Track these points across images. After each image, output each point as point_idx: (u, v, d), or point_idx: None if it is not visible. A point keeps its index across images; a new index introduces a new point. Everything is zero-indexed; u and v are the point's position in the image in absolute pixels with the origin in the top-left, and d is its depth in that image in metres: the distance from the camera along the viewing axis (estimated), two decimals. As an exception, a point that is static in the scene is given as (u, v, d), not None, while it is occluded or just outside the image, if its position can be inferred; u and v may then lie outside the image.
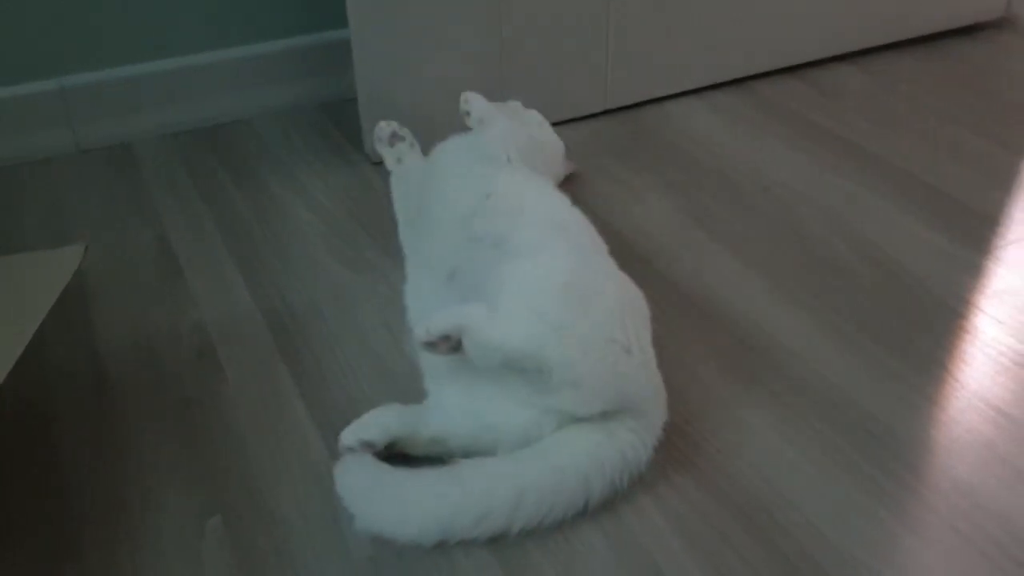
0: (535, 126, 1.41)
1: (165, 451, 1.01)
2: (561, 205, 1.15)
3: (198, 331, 1.18)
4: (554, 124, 1.45)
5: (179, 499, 0.95)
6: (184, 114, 1.64)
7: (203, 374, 1.11)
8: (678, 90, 1.71)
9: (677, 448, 0.98)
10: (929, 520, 0.90)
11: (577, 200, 1.23)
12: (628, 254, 0.99)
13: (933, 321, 1.16)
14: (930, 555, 0.87)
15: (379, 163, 1.51)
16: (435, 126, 1.43)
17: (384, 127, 1.37)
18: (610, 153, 1.54)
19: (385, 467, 0.93)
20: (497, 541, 0.89)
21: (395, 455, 0.95)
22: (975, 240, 1.30)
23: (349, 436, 0.94)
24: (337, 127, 1.64)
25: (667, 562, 0.87)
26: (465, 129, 1.32)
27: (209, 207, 1.44)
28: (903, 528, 0.90)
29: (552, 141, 1.41)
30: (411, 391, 1.07)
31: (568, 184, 1.40)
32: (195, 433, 1.03)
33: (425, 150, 1.41)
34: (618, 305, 0.96)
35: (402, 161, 1.36)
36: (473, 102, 1.30)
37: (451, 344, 0.93)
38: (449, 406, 0.97)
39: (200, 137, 1.63)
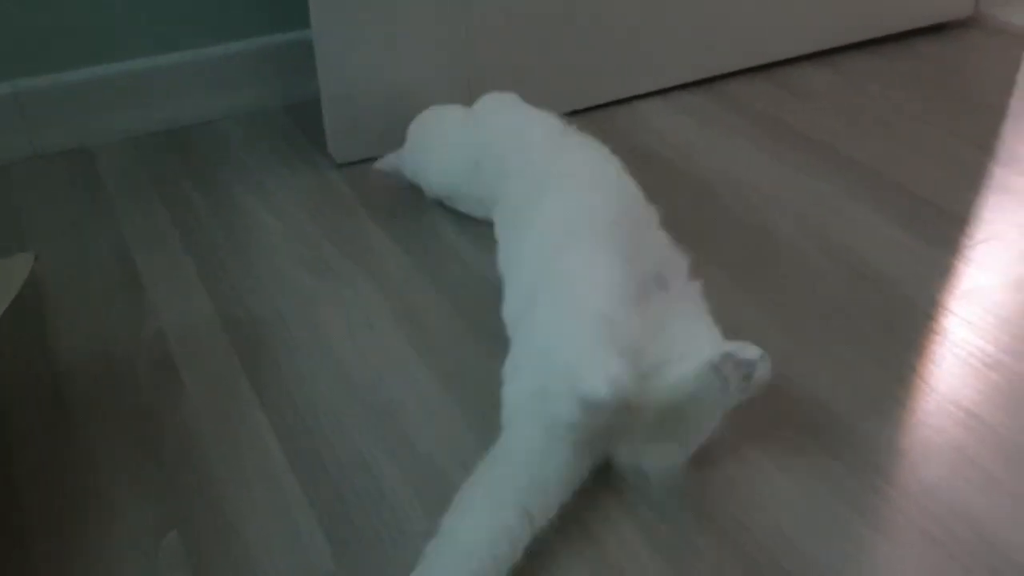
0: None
1: (122, 464, 0.98)
2: None
3: (157, 340, 1.15)
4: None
5: (136, 513, 0.93)
6: (145, 117, 1.61)
7: (162, 384, 1.09)
8: (647, 90, 1.70)
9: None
10: (899, 523, 0.89)
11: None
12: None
13: (902, 323, 1.15)
14: (899, 559, 0.86)
15: (343, 165, 1.50)
16: (404, 123, 1.42)
17: None
18: (579, 154, 1.52)
19: None
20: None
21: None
22: (944, 240, 1.29)
23: None
24: (302, 129, 1.62)
25: (631, 566, 0.85)
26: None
27: (170, 212, 1.41)
28: (872, 532, 0.89)
29: None
30: (373, 400, 1.05)
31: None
32: (153, 445, 1.01)
33: (394, 145, 1.40)
34: None
35: None
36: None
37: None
38: None
39: (161, 141, 1.60)
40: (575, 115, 1.63)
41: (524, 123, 1.29)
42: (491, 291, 1.22)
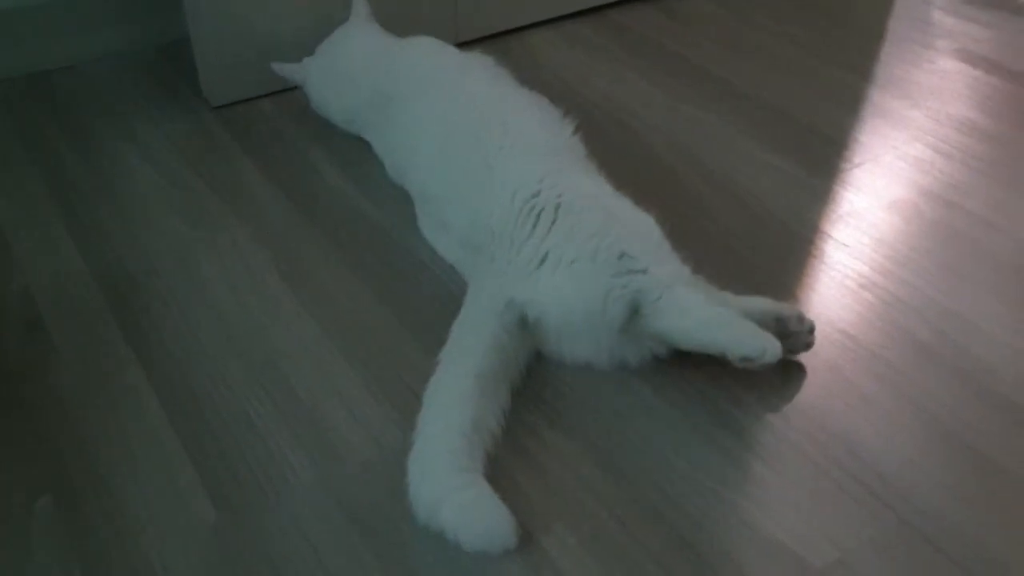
0: None
1: (-10, 430, 0.95)
2: None
3: (24, 298, 1.10)
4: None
5: (6, 478, 0.89)
6: (5, 61, 1.51)
7: (31, 344, 1.04)
8: (533, 20, 1.67)
9: (527, 386, 0.97)
10: (776, 446, 0.92)
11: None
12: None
13: (780, 247, 1.17)
14: (777, 480, 0.89)
15: (220, 107, 1.44)
16: (280, 56, 1.38)
17: None
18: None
19: None
20: (359, 517, 0.86)
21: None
22: (822, 165, 1.31)
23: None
24: (174, 71, 1.54)
25: (522, 504, 0.86)
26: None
27: (35, 163, 1.33)
28: (751, 455, 0.91)
29: None
30: (255, 351, 1.03)
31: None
32: (24, 408, 0.97)
33: (271, 84, 1.35)
34: None
35: None
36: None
37: None
38: None
39: (22, 87, 1.51)
40: (464, 46, 1.60)
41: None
42: (376, 234, 1.20)
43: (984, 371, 0.99)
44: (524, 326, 0.98)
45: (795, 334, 0.98)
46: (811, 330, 0.98)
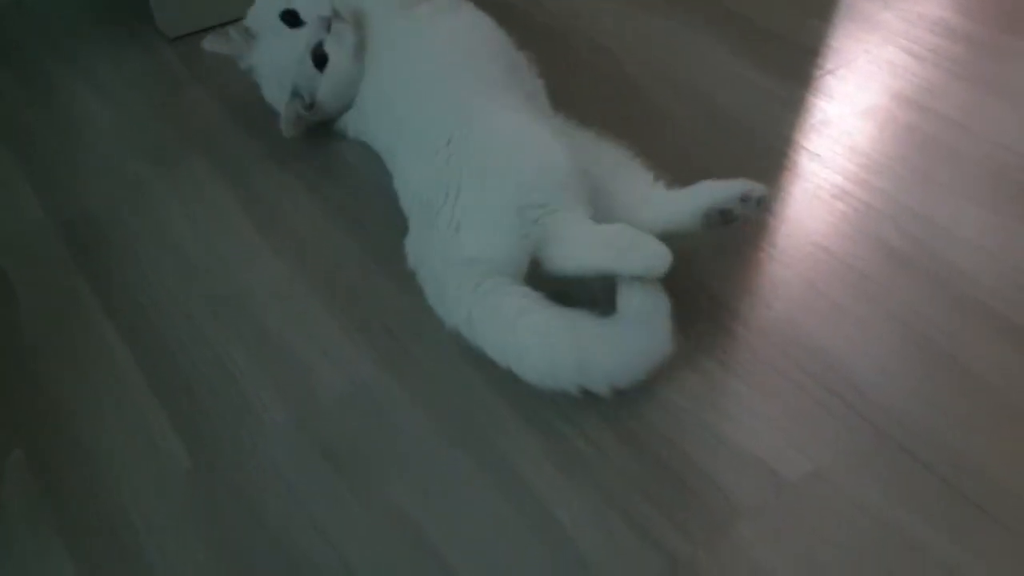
0: None
1: (-45, 386, 0.93)
2: None
3: (-17, 249, 1.08)
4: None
5: (-26, 436, 0.88)
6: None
7: (-8, 296, 1.03)
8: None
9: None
10: (751, 362, 0.92)
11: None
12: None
13: (753, 160, 1.15)
14: (753, 396, 0.89)
15: (176, 39, 1.40)
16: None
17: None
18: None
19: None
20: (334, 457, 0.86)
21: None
22: (794, 73, 1.28)
23: None
24: (126, 2, 1.49)
25: (497, 431, 0.85)
26: None
27: (-14, 106, 1.30)
28: (727, 373, 0.91)
29: None
30: (222, 290, 1.01)
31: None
32: (-12, 362, 0.95)
33: (230, 12, 1.29)
34: None
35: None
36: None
37: None
38: None
39: (-33, 26, 1.46)
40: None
41: None
42: (343, 168, 1.17)
43: (960, 277, 0.99)
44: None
45: (742, 215, 0.96)
46: (759, 202, 0.96)
